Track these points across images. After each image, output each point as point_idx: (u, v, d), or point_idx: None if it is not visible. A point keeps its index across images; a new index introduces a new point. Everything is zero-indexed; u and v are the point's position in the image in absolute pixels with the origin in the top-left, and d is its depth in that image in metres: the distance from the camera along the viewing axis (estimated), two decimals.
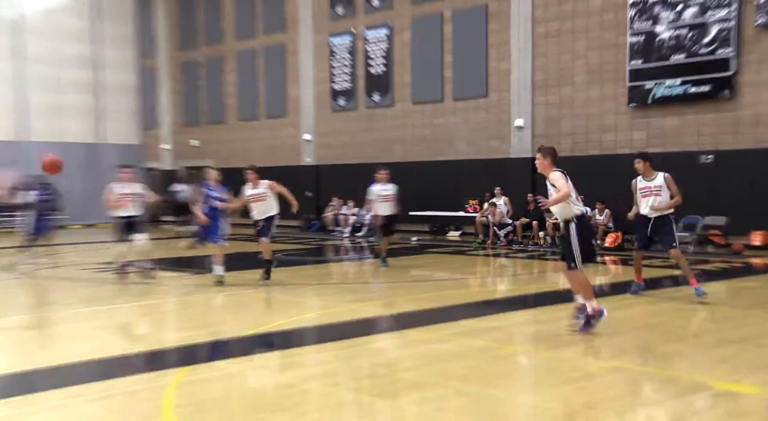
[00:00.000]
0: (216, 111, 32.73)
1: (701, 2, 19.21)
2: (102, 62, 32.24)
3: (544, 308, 10.63)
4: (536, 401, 6.22)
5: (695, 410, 5.94)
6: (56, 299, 12.65)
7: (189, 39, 33.90)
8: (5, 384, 7.03)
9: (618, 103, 21.00)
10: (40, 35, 30.72)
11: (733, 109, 19.07)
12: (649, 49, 20.16)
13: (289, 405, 6.10)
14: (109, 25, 32.44)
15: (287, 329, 9.48)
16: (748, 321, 9.46)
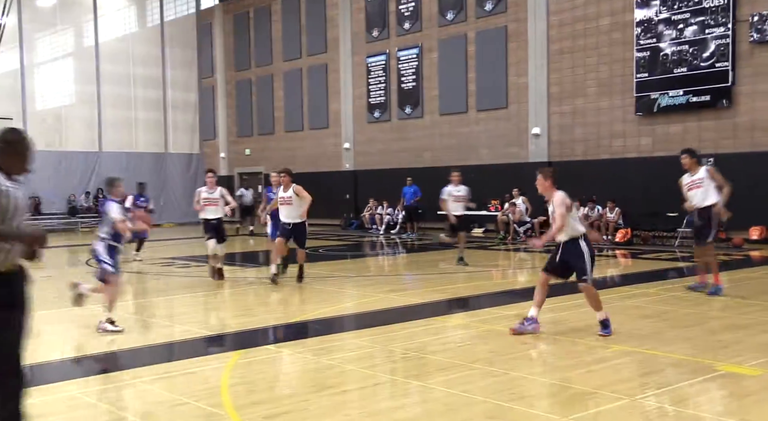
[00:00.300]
0: (266, 123, 32.92)
1: (700, 21, 19.05)
2: (168, 82, 32.60)
3: (559, 297, 10.47)
4: (554, 381, 6.14)
5: (701, 390, 5.83)
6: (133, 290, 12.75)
7: (242, 61, 34.14)
8: (84, 365, 7.08)
9: (626, 112, 20.80)
10: (116, 60, 31.12)
11: (731, 117, 18.88)
12: (654, 63, 19.99)
13: (331, 384, 6.09)
14: (174, 51, 32.83)
15: (329, 316, 9.48)
16: (750, 309, 9.28)
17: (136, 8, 32.79)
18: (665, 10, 19.73)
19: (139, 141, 31.82)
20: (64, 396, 5.92)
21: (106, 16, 31.44)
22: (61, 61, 31.44)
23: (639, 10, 20.24)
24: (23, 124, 27.89)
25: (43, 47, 31.03)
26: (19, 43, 28.35)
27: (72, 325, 9.17)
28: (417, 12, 26.11)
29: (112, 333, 8.15)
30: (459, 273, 13.79)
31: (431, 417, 5.24)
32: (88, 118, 30.60)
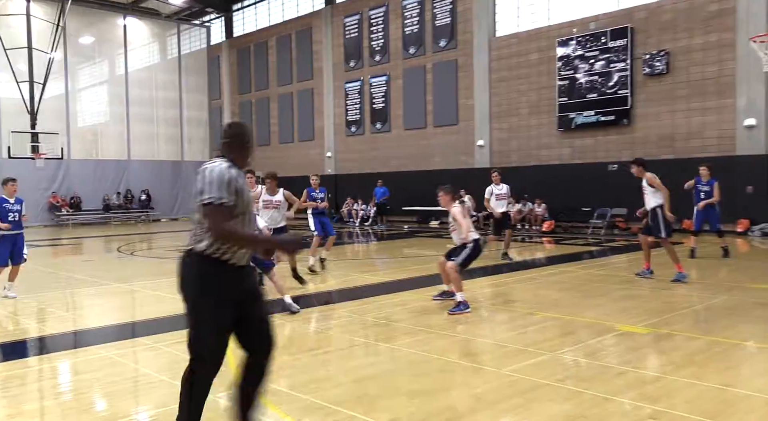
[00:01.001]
0: (263, 136, 32.68)
1: (607, 57, 19.35)
2: (184, 103, 32.29)
3: (497, 275, 10.58)
4: (493, 341, 6.20)
5: (606, 346, 5.92)
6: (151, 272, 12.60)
7: (244, 86, 33.85)
8: (115, 331, 7.01)
9: (550, 128, 20.98)
10: (141, 86, 30.87)
11: (630, 133, 19.17)
12: (572, 90, 20.18)
13: (317, 346, 6.09)
14: (189, 78, 32.53)
15: (314, 292, 9.45)
16: (643, 282, 9.42)
17: (158, 44, 32.40)
18: (580, 49, 19.95)
19: (160, 151, 31.49)
20: (98, 357, 5.86)
21: (134, 50, 31.12)
22: (98, 87, 31.00)
23: (560, 48, 20.44)
24: (67, 139, 27.58)
25: (83, 76, 30.60)
26: (65, 73, 28.00)
27: (106, 299, 9.06)
28: (386, 47, 26.09)
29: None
30: (418, 257, 13.79)
31: (397, 372, 5.27)
32: (119, 133, 30.26)
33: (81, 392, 4.97)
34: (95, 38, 29.82)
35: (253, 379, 3.63)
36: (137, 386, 5.06)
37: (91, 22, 29.29)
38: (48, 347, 6.53)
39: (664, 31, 18.41)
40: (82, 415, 4.40)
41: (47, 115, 26.20)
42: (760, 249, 14.40)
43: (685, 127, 18.19)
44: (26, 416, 4.38)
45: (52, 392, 5.01)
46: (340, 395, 4.64)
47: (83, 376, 5.42)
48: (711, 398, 4.44)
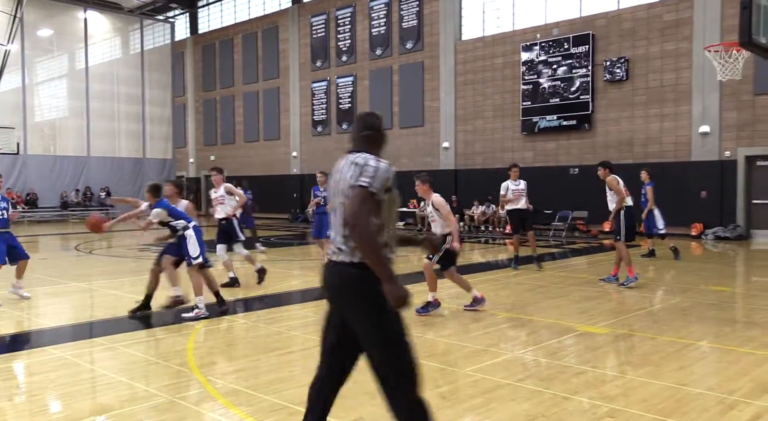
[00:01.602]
0: (228, 135, 32.31)
1: (569, 63, 19.67)
2: (146, 100, 31.70)
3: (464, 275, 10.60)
4: (456, 342, 6.22)
5: (566, 346, 6.01)
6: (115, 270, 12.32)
7: (209, 83, 33.39)
8: (71, 331, 6.82)
9: (514, 132, 21.22)
10: (102, 81, 30.23)
11: (591, 137, 19.50)
12: (535, 94, 20.45)
13: (279, 347, 6.03)
14: (152, 74, 31.94)
15: (278, 292, 9.37)
16: (600, 285, 9.58)
17: (120, 38, 31.75)
18: (543, 54, 20.24)
19: (121, 148, 30.84)
20: (53, 357, 5.70)
21: (95, 44, 30.42)
22: (57, 81, 30.21)
23: (524, 52, 20.70)
24: (23, 133, 26.80)
25: (41, 69, 29.80)
26: (22, 66, 27.24)
27: (63, 299, 8.83)
28: (353, 47, 26.05)
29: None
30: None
31: (359, 372, 5.22)
32: (78, 129, 29.53)
33: (35, 394, 4.83)
34: (54, 31, 29.05)
35: (336, 388, 3.32)
36: (94, 386, 4.93)
37: (50, 14, 28.53)
38: (0, 347, 6.33)
39: (624, 39, 18.82)
40: (35, 417, 4.27)
41: (3, 108, 25.53)
42: (713, 252, 14.83)
43: (644, 133, 18.62)
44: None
45: (6, 394, 4.85)
46: (303, 395, 4.57)
47: (37, 377, 5.26)
48: (666, 396, 4.54)
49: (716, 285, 9.53)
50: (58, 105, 29.93)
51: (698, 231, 17.45)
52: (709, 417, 4.16)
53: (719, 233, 17.09)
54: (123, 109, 30.96)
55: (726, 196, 17.33)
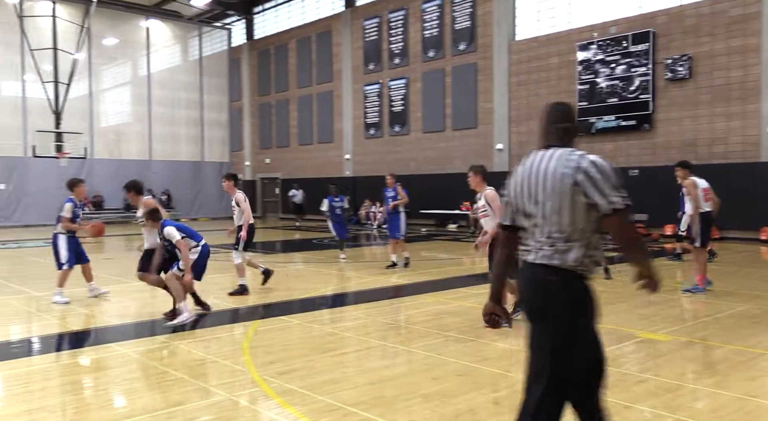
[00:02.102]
0: (283, 138, 32.85)
1: (628, 62, 19.15)
2: (204, 105, 32.55)
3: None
4: (510, 346, 6.12)
5: (626, 353, 5.83)
6: None
7: (264, 88, 34.05)
8: (133, 329, 7.05)
9: None
10: (163, 87, 31.19)
11: (651, 137, 18.95)
12: (592, 94, 20.01)
13: (332, 348, 6.07)
14: (210, 79, 32.78)
15: (331, 293, 9.45)
16: (664, 289, 9.25)
17: (180, 45, 32.72)
18: (601, 53, 19.78)
19: (181, 151, 31.76)
20: (118, 354, 5.90)
21: (157, 51, 31.42)
22: (121, 87, 31.36)
23: (581, 52, 20.28)
24: (90, 138, 27.92)
25: (106, 77, 30.95)
26: (89, 74, 28.38)
27: (127, 297, 9.13)
28: (405, 50, 26.08)
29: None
30: (435, 260, 13.72)
31: (412, 374, 5.24)
32: (141, 133, 30.57)
33: (100, 389, 5.01)
34: (119, 40, 30.17)
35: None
36: (156, 383, 5.07)
37: (114, 23, 29.66)
38: (70, 343, 6.59)
39: (687, 36, 18.19)
40: (101, 411, 4.42)
41: (71, 115, 26.59)
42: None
43: (708, 133, 17.94)
44: (48, 410, 4.41)
45: (72, 388, 5.04)
46: (357, 396, 4.62)
47: (103, 373, 5.46)
48: (735, 408, 4.34)
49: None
50: (122, 111, 31.05)
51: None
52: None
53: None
54: (183, 114, 31.90)
55: None
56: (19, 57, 25.88)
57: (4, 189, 25.97)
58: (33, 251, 16.45)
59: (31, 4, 26.42)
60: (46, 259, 12.68)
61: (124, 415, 4.35)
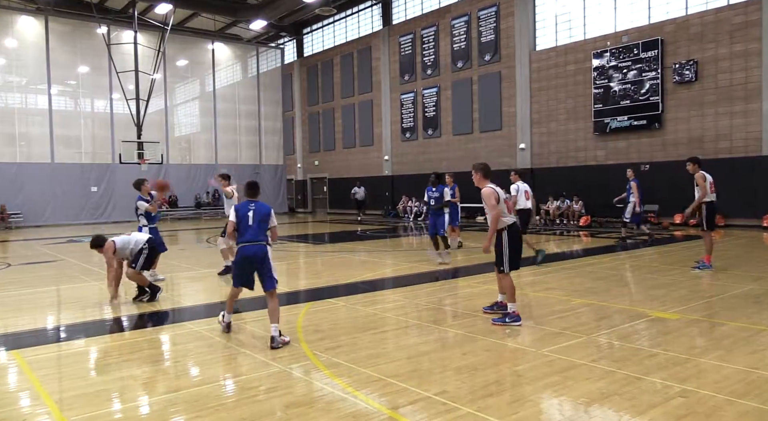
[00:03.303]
0: (329, 142, 33.04)
1: (639, 67, 18.60)
2: (261, 115, 32.96)
3: (538, 266, 10.31)
4: (533, 325, 6.05)
5: (638, 330, 5.71)
6: None
7: (313, 99, 34.28)
8: (204, 310, 7.22)
9: (586, 132, 20.38)
10: (226, 100, 31.70)
11: (661, 136, 18.38)
12: (606, 97, 19.52)
13: (374, 327, 6.10)
14: (266, 93, 33.15)
15: (373, 279, 9.49)
16: (672, 272, 9.05)
17: (240, 64, 33.19)
18: (614, 60, 19.27)
19: (242, 156, 32.28)
20: (191, 331, 6.06)
21: (220, 70, 31.98)
22: (191, 102, 32.05)
23: (595, 59, 19.80)
24: (166, 147, 28.61)
25: (178, 93, 31.68)
26: (164, 91, 29.05)
27: (198, 283, 9.35)
28: (436, 62, 25.90)
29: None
30: (466, 248, 13.58)
31: (445, 349, 5.23)
32: (208, 141, 31.16)
33: (178, 361, 5.16)
34: (188, 61, 30.80)
35: None
36: (224, 356, 5.19)
37: (185, 47, 30.30)
38: (151, 322, 6.81)
39: (693, 42, 17.57)
40: (179, 380, 4.55)
41: (150, 126, 27.29)
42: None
43: (714, 130, 17.33)
44: (134, 378, 4.57)
45: (153, 360, 5.20)
46: (395, 369, 4.64)
47: (179, 347, 5.61)
48: (738, 379, 4.21)
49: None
50: (191, 122, 31.76)
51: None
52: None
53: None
54: (243, 124, 32.39)
55: None
56: (107, 79, 26.68)
57: (96, 191, 26.91)
58: None
59: (117, 34, 27.20)
60: None
61: (196, 383, 4.48)
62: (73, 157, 26.58)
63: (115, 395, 4.26)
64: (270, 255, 5.60)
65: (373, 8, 29.42)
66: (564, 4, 21.12)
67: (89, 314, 7.11)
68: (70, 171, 26.18)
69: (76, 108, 27.47)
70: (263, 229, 5.60)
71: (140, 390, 4.35)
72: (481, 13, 23.65)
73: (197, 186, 30.29)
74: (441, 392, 4.09)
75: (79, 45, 26.64)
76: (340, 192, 31.68)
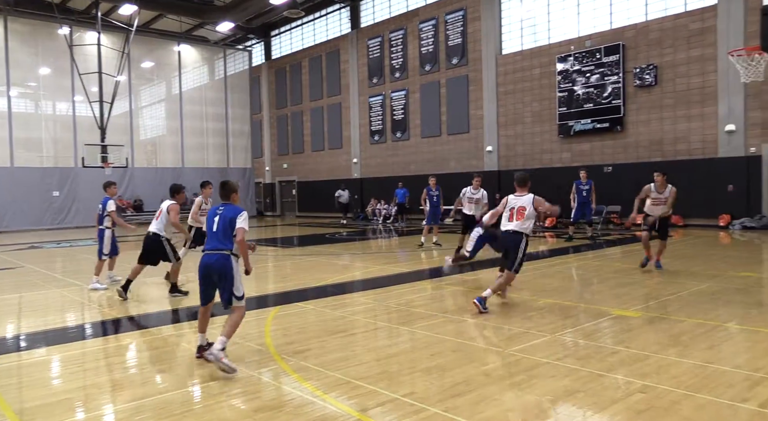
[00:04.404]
0: (298, 145, 32.86)
1: (601, 71, 19.07)
2: (229, 117, 32.57)
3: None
4: (500, 325, 6.13)
5: (601, 328, 5.84)
6: None
7: (281, 101, 34.06)
8: (170, 316, 7.10)
9: (552, 135, 20.75)
10: (193, 103, 31.25)
11: (622, 138, 18.86)
12: (570, 101, 19.93)
13: (343, 330, 6.09)
14: (233, 95, 32.78)
15: (342, 282, 9.47)
16: (633, 272, 9.28)
17: (207, 66, 32.75)
18: (577, 64, 19.69)
19: (209, 159, 31.82)
20: (156, 338, 5.94)
21: (187, 72, 31.49)
22: (157, 104, 31.48)
23: (559, 63, 20.20)
24: (131, 150, 28.01)
25: (144, 95, 31.10)
26: (129, 94, 28.48)
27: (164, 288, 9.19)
28: (404, 65, 26.03)
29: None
30: (433, 250, 13.72)
31: (413, 351, 5.26)
32: (174, 144, 30.62)
33: (143, 367, 5.05)
34: (154, 63, 30.24)
35: None
36: (189, 362, 5.10)
37: (150, 49, 29.74)
38: (116, 329, 6.65)
39: (652, 47, 18.09)
40: (144, 386, 4.47)
41: (114, 129, 26.69)
42: (740, 241, 14.07)
43: (672, 133, 17.86)
44: (98, 387, 4.46)
45: (120, 367, 5.09)
46: (364, 371, 4.65)
47: (144, 353, 5.50)
48: (695, 374, 4.35)
49: (743, 271, 9.05)
50: (157, 125, 31.16)
51: (726, 222, 16.61)
52: (736, 393, 3.96)
53: (746, 223, 16.22)
54: (210, 126, 31.95)
55: (752, 189, 16.42)
56: (69, 81, 26.01)
57: (58, 195, 26.16)
58: (83, 248, 16.56)
59: (80, 35, 26.53)
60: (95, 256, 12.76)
61: (163, 390, 4.40)
62: (34, 161, 25.78)
63: (79, 404, 4.15)
64: (234, 267, 4.85)
65: (341, 11, 29.41)
66: (529, 8, 21.49)
67: (51, 322, 6.92)
68: (30, 175, 25.38)
69: (36, 110, 26.68)
70: (228, 236, 4.86)
71: (105, 398, 4.25)
72: (449, 17, 23.89)
73: (164, 189, 29.75)
74: (409, 393, 4.11)
75: (41, 46, 25.89)
76: (309, 195, 31.56)
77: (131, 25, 25.77)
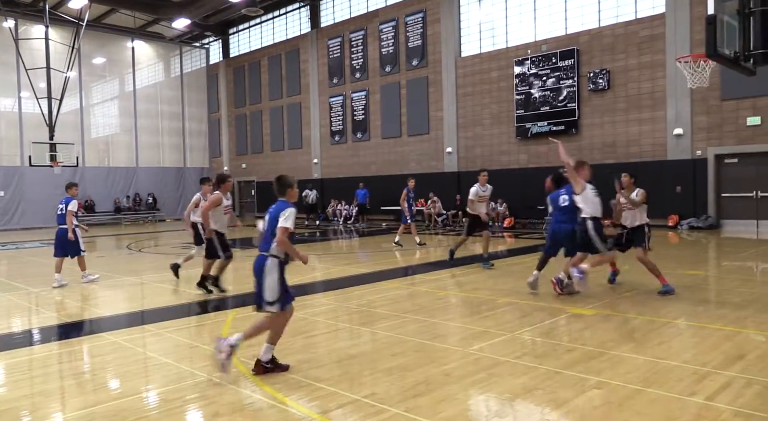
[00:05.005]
0: (257, 145, 32.44)
1: (557, 75, 19.52)
2: (186, 116, 31.93)
3: (464, 267, 10.59)
4: (460, 324, 6.21)
5: (558, 326, 5.97)
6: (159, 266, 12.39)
7: (240, 100, 33.54)
8: (125, 319, 6.90)
9: (510, 137, 21.11)
10: (148, 101, 30.50)
11: (578, 140, 19.34)
12: (528, 103, 20.33)
13: (303, 331, 6.04)
14: (190, 94, 32.18)
15: (302, 283, 9.39)
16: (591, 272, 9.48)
17: (162, 63, 32.01)
18: (534, 67, 20.11)
19: (165, 159, 31.14)
20: (109, 342, 5.76)
21: (141, 69, 30.72)
22: (109, 102, 30.53)
23: (517, 67, 20.58)
24: (82, 149, 27.11)
25: (96, 93, 30.11)
26: (79, 90, 27.58)
27: (118, 291, 8.91)
28: (365, 66, 26.04)
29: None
30: (394, 250, 13.76)
31: (375, 351, 5.26)
32: (128, 143, 29.85)
33: (95, 373, 4.89)
34: (106, 59, 29.36)
35: None
36: (144, 368, 4.98)
37: (102, 44, 28.84)
38: (66, 333, 6.41)
39: (605, 53, 18.65)
40: (97, 393, 4.32)
41: (64, 127, 25.76)
42: (688, 240, 14.66)
43: (625, 136, 18.44)
44: (46, 394, 4.29)
45: (70, 374, 4.91)
46: (325, 373, 4.62)
47: (96, 359, 5.33)
48: (646, 369, 4.50)
49: (690, 269, 9.42)
50: (110, 123, 30.23)
51: (674, 222, 17.27)
52: (685, 386, 4.11)
53: (693, 223, 16.91)
54: (166, 125, 31.24)
55: (698, 191, 17.13)
56: (15, 76, 24.99)
57: (3, 196, 25.04)
58: (30, 251, 15.90)
59: (26, 28, 25.51)
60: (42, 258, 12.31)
61: (115, 397, 4.26)
62: None
63: (25, 413, 3.98)
64: (269, 269, 4.65)
65: (300, 10, 29.20)
66: (487, 12, 21.83)
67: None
68: None
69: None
70: (274, 235, 4.55)
71: (53, 406, 4.09)
72: (409, 19, 24.02)
73: (116, 190, 28.90)
74: (370, 394, 4.10)
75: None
76: (268, 195, 31.15)
77: (81, 20, 24.89)
